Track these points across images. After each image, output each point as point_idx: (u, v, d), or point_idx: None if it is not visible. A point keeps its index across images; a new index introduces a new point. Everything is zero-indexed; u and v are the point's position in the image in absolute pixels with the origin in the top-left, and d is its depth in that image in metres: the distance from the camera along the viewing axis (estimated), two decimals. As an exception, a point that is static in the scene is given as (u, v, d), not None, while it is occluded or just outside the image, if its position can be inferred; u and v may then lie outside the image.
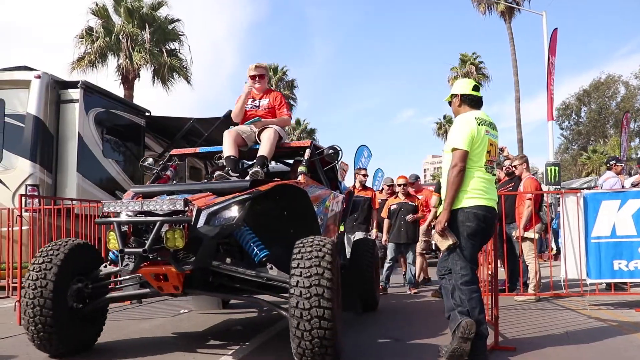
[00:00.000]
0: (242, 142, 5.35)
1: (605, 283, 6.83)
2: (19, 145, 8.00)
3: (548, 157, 17.11)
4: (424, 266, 9.22)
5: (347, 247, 8.15)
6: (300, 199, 4.61)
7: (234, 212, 3.99)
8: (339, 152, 5.40)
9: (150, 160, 5.46)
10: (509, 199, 7.24)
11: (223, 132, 5.46)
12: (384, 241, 8.55)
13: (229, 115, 5.94)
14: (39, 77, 8.11)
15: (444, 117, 54.52)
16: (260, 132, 5.35)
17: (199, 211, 3.82)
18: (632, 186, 8.03)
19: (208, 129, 9.95)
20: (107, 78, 22.68)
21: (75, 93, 8.44)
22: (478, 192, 3.98)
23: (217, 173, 5.02)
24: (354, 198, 7.29)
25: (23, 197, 6.84)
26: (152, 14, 21.95)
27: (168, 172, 5.35)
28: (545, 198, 7.84)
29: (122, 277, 4.52)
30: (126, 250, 3.75)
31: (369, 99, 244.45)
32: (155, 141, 10.82)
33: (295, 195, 4.61)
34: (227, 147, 5.21)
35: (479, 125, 4.01)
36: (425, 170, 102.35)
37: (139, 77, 22.18)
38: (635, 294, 6.79)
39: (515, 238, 7.28)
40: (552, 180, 14.40)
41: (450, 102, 4.32)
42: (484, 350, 3.98)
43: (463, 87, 4.28)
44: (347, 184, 8.58)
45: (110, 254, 4.36)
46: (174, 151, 5.74)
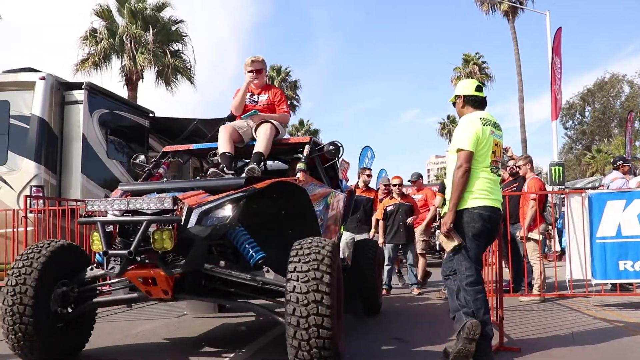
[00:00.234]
0: (238, 138, 5.14)
1: (611, 283, 6.81)
2: (24, 146, 8.01)
3: (552, 157, 17.07)
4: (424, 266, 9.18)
5: (346, 249, 8.14)
6: (299, 197, 4.40)
7: (227, 211, 3.78)
8: (340, 148, 5.15)
9: (142, 157, 5.27)
10: (513, 199, 7.23)
11: None
12: (380, 243, 8.42)
13: (232, 117, 5.74)
14: (43, 78, 8.11)
15: (448, 117, 54.43)
16: (257, 128, 5.13)
17: (190, 210, 3.60)
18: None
19: (212, 129, 9.95)
20: (110, 79, 22.75)
21: (79, 94, 8.44)
22: (483, 193, 3.98)
23: (211, 170, 4.80)
24: (356, 197, 7.15)
25: (28, 198, 6.87)
26: (156, 15, 21.96)
27: (160, 170, 5.17)
28: (549, 198, 7.81)
29: (111, 280, 4.28)
30: (110, 252, 3.49)
31: (373, 99, 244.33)
32: (159, 142, 10.82)
33: (294, 194, 4.39)
34: (223, 143, 5.00)
35: (484, 125, 4.01)
36: (428, 170, 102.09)
37: (142, 78, 22.19)
38: (641, 295, 6.77)
39: (519, 238, 7.27)
40: (556, 180, 14.36)
41: (454, 103, 4.33)
42: (489, 351, 3.98)
43: (466, 88, 4.28)
44: (348, 183, 8.54)
45: (97, 256, 4.11)
46: (166, 148, 5.55)
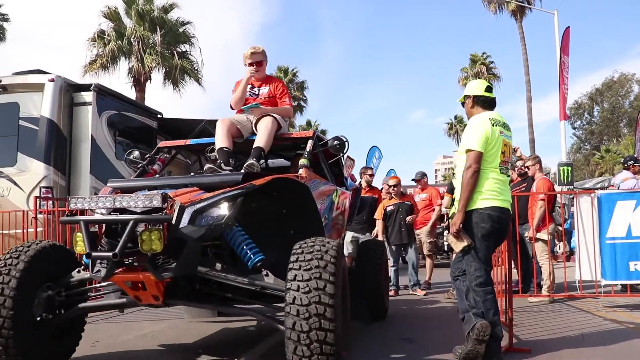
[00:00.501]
0: (236, 133, 4.85)
1: (621, 284, 6.76)
2: (33, 147, 8.05)
3: (560, 157, 16.99)
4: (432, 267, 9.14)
5: (349, 247, 8.10)
6: (301, 195, 4.12)
7: (223, 209, 3.53)
8: (345, 143, 4.87)
9: (136, 153, 5.08)
10: (521, 200, 7.20)
11: None
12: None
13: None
14: (52, 80, 8.16)
15: (455, 117, 54.32)
16: (257, 121, 4.84)
17: (182, 208, 3.32)
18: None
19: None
20: (118, 81, 22.86)
21: (88, 96, 8.48)
22: (492, 193, 3.97)
23: (207, 166, 4.55)
24: (362, 196, 6.93)
25: (38, 199, 6.91)
26: (163, 17, 22.03)
27: (155, 166, 4.94)
28: (558, 198, 7.77)
29: (99, 284, 3.94)
30: (94, 254, 3.21)
31: (380, 100, 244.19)
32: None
33: (296, 191, 4.11)
34: (220, 138, 4.70)
35: (493, 126, 4.00)
36: (436, 170, 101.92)
37: (150, 79, 22.27)
38: (652, 295, 6.72)
39: (528, 239, 7.23)
40: (565, 181, 14.29)
41: (463, 103, 4.31)
42: (499, 352, 3.96)
43: (476, 88, 4.26)
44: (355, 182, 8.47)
45: (84, 257, 3.69)
46: (162, 143, 5.29)
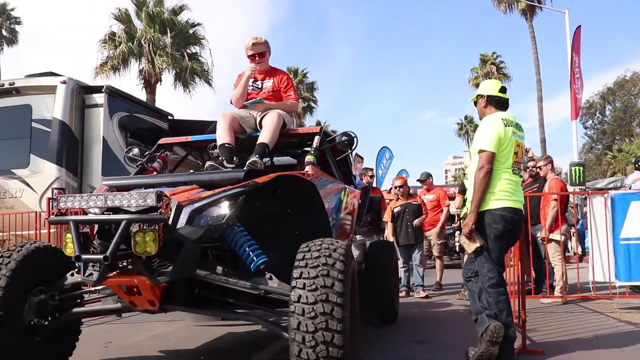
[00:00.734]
0: (239, 129, 4.62)
1: (635, 286, 6.70)
2: (46, 149, 8.11)
3: (572, 157, 16.87)
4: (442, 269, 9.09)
5: (355, 252, 8.02)
6: (308, 193, 3.91)
7: (224, 208, 3.32)
8: (354, 139, 4.64)
9: (135, 150, 4.91)
10: (533, 200, 7.15)
11: None
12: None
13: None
14: (64, 82, 8.21)
15: (465, 117, 54.20)
16: (262, 117, 4.62)
17: (180, 208, 3.12)
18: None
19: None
20: (129, 82, 22.96)
21: (99, 98, 8.53)
22: (505, 194, 3.95)
23: (208, 163, 4.29)
24: (371, 196, 6.69)
25: (50, 201, 6.95)
26: (173, 19, 22.14)
27: (155, 164, 4.75)
28: (571, 199, 7.72)
29: (93, 288, 3.64)
30: (84, 256, 3.01)
31: (390, 100, 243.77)
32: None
33: (301, 189, 3.90)
34: (222, 134, 4.47)
35: (505, 126, 3.98)
36: (446, 171, 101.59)
37: (160, 81, 22.39)
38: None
39: (540, 239, 7.18)
40: (577, 181, 14.22)
41: (475, 102, 4.29)
42: (512, 354, 3.95)
43: (490, 88, 4.24)
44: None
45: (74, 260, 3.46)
46: (162, 140, 5.08)
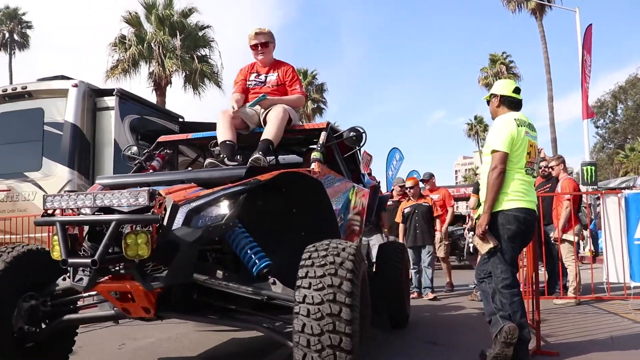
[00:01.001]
0: (241, 125, 4.39)
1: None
2: (58, 152, 8.15)
3: (583, 156, 16.78)
4: (450, 270, 9.04)
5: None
6: (314, 192, 3.68)
7: (224, 208, 3.10)
8: (363, 134, 4.40)
9: (134, 149, 4.74)
10: (545, 200, 7.10)
11: None
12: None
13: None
14: (76, 85, 8.25)
15: (475, 117, 54.06)
16: (266, 112, 4.40)
17: (175, 207, 2.92)
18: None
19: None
20: (139, 85, 23.13)
21: (110, 100, 8.57)
22: (518, 195, 3.92)
23: (208, 160, 4.10)
24: (380, 196, 6.54)
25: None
26: (183, 21, 22.23)
27: (154, 163, 4.55)
28: (584, 199, 7.65)
29: (86, 294, 3.43)
30: (70, 260, 2.78)
31: (399, 101, 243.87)
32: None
33: (307, 187, 3.67)
34: (222, 130, 4.24)
35: (518, 126, 3.95)
36: (456, 171, 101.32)
37: (170, 83, 22.49)
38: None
39: (553, 240, 7.13)
40: (589, 181, 14.12)
41: (488, 102, 4.27)
42: (527, 355, 3.92)
43: (504, 88, 4.21)
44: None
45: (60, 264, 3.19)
46: (161, 138, 4.90)
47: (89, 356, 4.29)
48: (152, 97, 21.21)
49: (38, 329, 3.39)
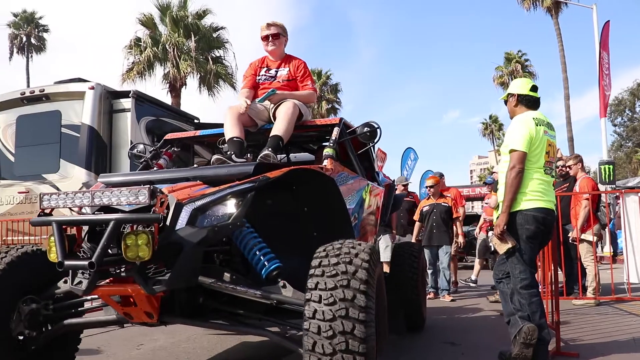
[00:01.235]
0: (249, 121, 4.21)
1: None
2: (75, 154, 8.25)
3: (600, 155, 16.61)
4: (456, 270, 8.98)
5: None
6: (326, 189, 3.50)
7: (230, 207, 2.94)
8: (377, 130, 4.22)
9: (140, 147, 4.64)
10: (563, 200, 7.02)
11: None
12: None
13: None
14: (92, 88, 8.34)
15: (490, 117, 53.74)
16: (275, 108, 4.21)
17: (179, 206, 2.77)
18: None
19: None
20: (154, 87, 23.32)
21: (127, 102, 8.64)
22: (537, 194, 3.88)
23: (215, 157, 3.83)
24: (395, 194, 6.31)
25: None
26: (197, 23, 22.35)
27: (161, 161, 4.42)
28: (603, 198, 7.56)
29: (88, 297, 3.27)
30: (66, 263, 2.62)
31: (414, 101, 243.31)
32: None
33: (319, 185, 3.48)
34: (230, 127, 4.04)
35: (537, 125, 3.91)
36: (471, 171, 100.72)
37: (185, 85, 22.63)
38: None
39: (571, 240, 7.05)
40: (607, 179, 13.97)
41: (506, 101, 4.23)
42: (546, 356, 3.88)
43: (521, 87, 4.17)
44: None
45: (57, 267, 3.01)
46: (169, 135, 4.78)
47: (108, 357, 4.31)
48: (167, 99, 21.36)
49: (39, 334, 3.24)
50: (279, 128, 3.99)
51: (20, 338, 3.15)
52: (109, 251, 2.65)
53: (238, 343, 5.06)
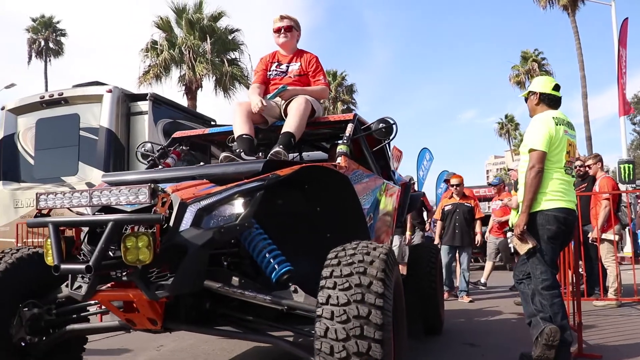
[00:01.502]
0: (259, 118, 4.05)
1: None
2: (93, 157, 8.32)
3: (619, 154, 16.40)
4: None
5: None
6: (340, 188, 3.31)
7: (238, 207, 2.78)
8: (393, 126, 4.03)
9: (148, 146, 4.56)
10: (582, 200, 6.93)
11: None
12: (436, 243, 8.09)
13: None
14: (110, 91, 8.41)
15: (506, 116, 53.39)
16: (287, 104, 4.05)
17: (183, 206, 2.60)
18: None
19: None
20: (170, 89, 23.48)
21: (144, 105, 8.70)
22: (557, 194, 3.85)
23: (224, 154, 3.62)
24: (412, 193, 6.12)
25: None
26: (213, 25, 22.47)
27: (168, 160, 4.32)
28: (623, 198, 7.45)
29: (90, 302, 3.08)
30: (63, 266, 2.47)
31: (429, 101, 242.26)
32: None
33: (333, 184, 3.30)
34: (239, 124, 3.90)
35: (557, 125, 3.87)
36: (487, 171, 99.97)
37: (201, 87, 22.74)
38: None
39: (591, 240, 6.96)
40: (626, 179, 13.78)
41: (526, 99, 4.19)
42: (569, 358, 3.83)
43: (544, 85, 4.13)
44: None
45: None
46: (177, 133, 4.66)
47: (127, 358, 4.35)
48: (183, 101, 21.49)
49: (41, 340, 3.10)
50: (290, 124, 3.82)
51: (22, 344, 3.03)
52: (110, 254, 2.53)
53: (257, 345, 5.07)
